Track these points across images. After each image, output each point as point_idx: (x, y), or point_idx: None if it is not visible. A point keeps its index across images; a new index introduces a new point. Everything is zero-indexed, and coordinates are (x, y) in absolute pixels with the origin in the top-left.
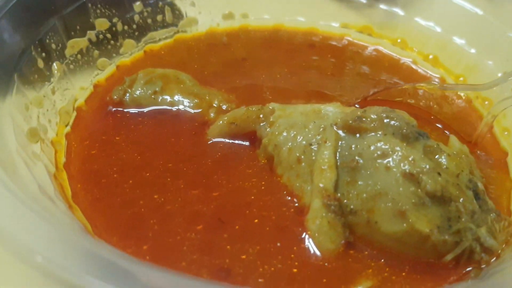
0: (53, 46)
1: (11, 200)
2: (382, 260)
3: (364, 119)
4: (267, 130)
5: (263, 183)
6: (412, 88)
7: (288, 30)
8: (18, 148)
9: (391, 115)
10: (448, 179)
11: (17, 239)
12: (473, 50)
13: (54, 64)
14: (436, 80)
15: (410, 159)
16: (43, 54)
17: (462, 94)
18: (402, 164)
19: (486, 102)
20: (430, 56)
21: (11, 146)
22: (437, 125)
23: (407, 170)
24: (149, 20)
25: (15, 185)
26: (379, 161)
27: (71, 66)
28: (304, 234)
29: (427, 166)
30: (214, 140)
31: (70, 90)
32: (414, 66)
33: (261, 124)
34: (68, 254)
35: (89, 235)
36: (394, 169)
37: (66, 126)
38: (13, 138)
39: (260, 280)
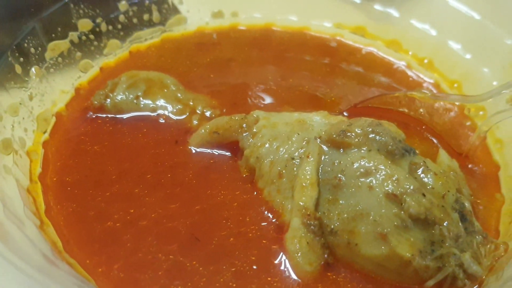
0: (32, 50)
1: None
2: (361, 285)
3: (348, 133)
4: (250, 141)
5: (244, 197)
6: (403, 96)
7: (280, 30)
8: None
9: (377, 129)
10: (433, 200)
11: None
12: (468, 56)
13: (33, 68)
14: (430, 85)
15: (394, 178)
16: (21, 59)
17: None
18: (385, 184)
19: (481, 112)
20: (425, 60)
21: None
22: (428, 135)
23: (390, 191)
24: (135, 20)
25: None
26: (362, 179)
27: (51, 70)
28: (282, 254)
29: (411, 187)
30: (196, 149)
31: (49, 94)
32: (408, 71)
33: (244, 134)
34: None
35: (56, 257)
36: (377, 189)
37: (44, 133)
38: None
39: None
